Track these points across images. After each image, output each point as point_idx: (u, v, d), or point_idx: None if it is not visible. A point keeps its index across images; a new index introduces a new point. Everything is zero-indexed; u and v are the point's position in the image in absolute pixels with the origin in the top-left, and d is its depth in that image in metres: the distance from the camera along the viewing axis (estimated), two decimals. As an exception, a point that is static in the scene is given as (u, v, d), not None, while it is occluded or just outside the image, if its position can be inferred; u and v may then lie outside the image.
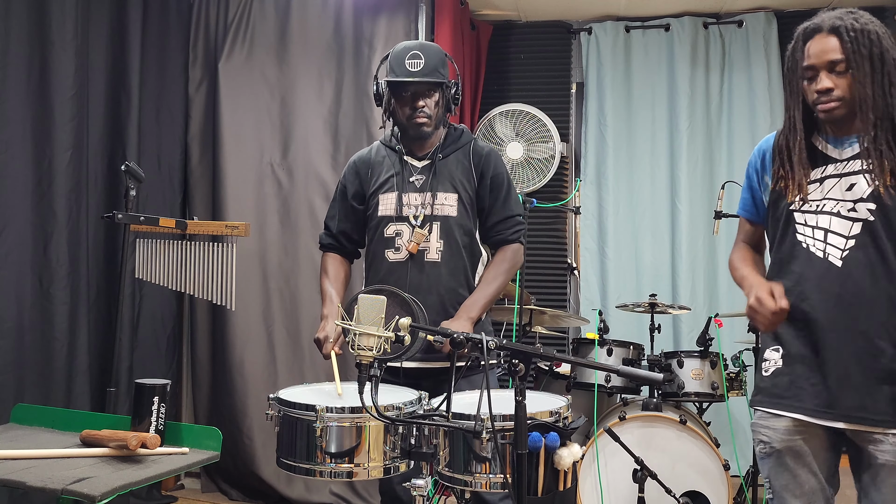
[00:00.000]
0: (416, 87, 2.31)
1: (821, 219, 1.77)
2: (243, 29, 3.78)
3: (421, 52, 2.32)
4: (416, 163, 2.40)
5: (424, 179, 2.38)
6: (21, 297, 2.90)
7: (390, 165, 2.41)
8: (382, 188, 2.40)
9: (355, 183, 2.46)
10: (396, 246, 2.36)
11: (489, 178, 2.39)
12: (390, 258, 2.36)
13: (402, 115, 2.35)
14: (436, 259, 2.33)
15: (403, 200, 2.36)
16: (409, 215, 2.34)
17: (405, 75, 2.30)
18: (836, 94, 1.71)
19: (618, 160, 4.39)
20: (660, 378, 1.63)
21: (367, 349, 1.53)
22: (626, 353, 3.39)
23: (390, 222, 2.37)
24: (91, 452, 1.71)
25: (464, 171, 2.39)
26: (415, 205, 2.35)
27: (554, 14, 4.47)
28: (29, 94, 2.95)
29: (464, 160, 2.40)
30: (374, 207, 2.41)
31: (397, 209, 2.35)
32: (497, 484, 1.71)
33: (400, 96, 2.33)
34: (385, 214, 2.38)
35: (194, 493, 3.78)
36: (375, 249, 2.42)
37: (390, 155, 2.44)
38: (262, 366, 3.68)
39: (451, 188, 2.36)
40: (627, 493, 2.93)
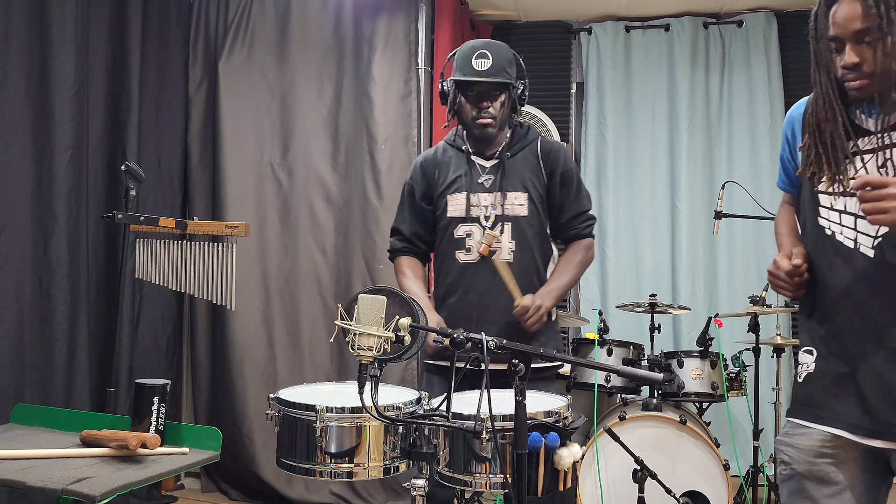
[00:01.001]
0: (481, 87, 2.28)
1: (850, 202, 1.51)
2: (243, 29, 3.78)
3: (488, 51, 2.27)
4: (484, 162, 2.37)
5: (493, 179, 2.34)
6: (21, 297, 2.90)
7: (457, 165, 2.38)
8: (451, 188, 2.36)
9: (423, 183, 2.42)
10: (467, 247, 2.32)
11: (559, 175, 2.37)
12: (461, 259, 2.33)
13: (467, 115, 2.31)
14: (508, 259, 2.30)
15: (472, 201, 2.33)
16: (480, 216, 2.31)
17: (471, 74, 2.26)
18: (865, 69, 1.44)
19: (618, 160, 4.39)
20: (660, 378, 1.63)
21: (367, 349, 1.53)
22: (626, 353, 3.39)
23: (460, 223, 2.34)
24: (91, 452, 1.71)
25: (532, 169, 2.36)
26: (484, 205, 2.33)
27: (554, 14, 4.47)
28: (29, 94, 2.95)
29: (532, 158, 2.37)
30: (442, 208, 2.37)
31: (466, 210, 2.33)
32: (497, 484, 1.71)
33: (466, 95, 2.30)
34: (454, 215, 2.34)
35: (194, 493, 3.78)
36: (445, 251, 2.37)
37: (457, 155, 2.40)
38: (262, 366, 3.68)
39: (521, 187, 2.34)
40: (627, 493, 2.93)
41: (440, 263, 2.40)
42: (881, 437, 1.46)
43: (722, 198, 3.49)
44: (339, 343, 3.63)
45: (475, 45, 2.30)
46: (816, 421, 1.55)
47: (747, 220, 3.94)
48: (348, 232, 3.70)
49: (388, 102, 3.67)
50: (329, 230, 3.72)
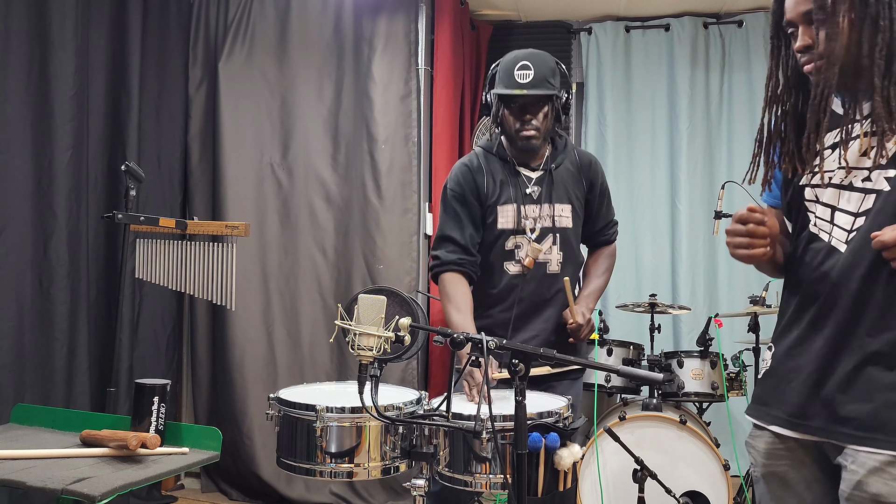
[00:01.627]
0: (524, 100, 2.26)
1: (827, 193, 1.44)
2: (243, 29, 3.78)
3: (530, 63, 2.24)
4: (530, 173, 2.36)
5: (540, 191, 2.34)
6: (21, 297, 2.90)
7: (503, 175, 2.35)
8: (500, 199, 2.33)
9: (474, 190, 2.34)
10: (517, 258, 2.32)
11: (598, 187, 2.43)
12: (510, 271, 2.33)
13: (511, 127, 2.29)
14: (556, 271, 2.33)
15: (523, 213, 2.32)
16: (527, 227, 2.31)
17: (514, 87, 2.24)
18: (816, 51, 1.40)
19: (618, 160, 4.38)
20: (660, 378, 1.63)
21: (367, 349, 1.53)
22: (626, 353, 3.39)
23: (511, 235, 2.32)
24: (91, 452, 1.71)
25: (574, 180, 2.38)
26: (532, 217, 2.32)
27: (554, 14, 4.47)
28: (29, 94, 2.95)
29: (572, 169, 2.39)
30: (492, 219, 2.33)
31: (517, 222, 2.31)
32: (497, 484, 1.71)
33: (509, 107, 2.28)
34: (505, 227, 2.32)
35: (194, 493, 3.78)
36: (493, 262, 2.34)
37: (501, 164, 2.36)
38: (262, 366, 3.69)
39: (566, 199, 2.35)
40: (627, 493, 2.93)
41: (486, 274, 2.36)
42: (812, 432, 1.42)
43: (722, 198, 3.49)
44: (339, 343, 3.63)
45: (518, 56, 2.27)
46: (764, 420, 1.51)
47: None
48: (348, 232, 3.70)
49: (388, 102, 3.67)
50: (329, 230, 3.72)
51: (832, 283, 1.41)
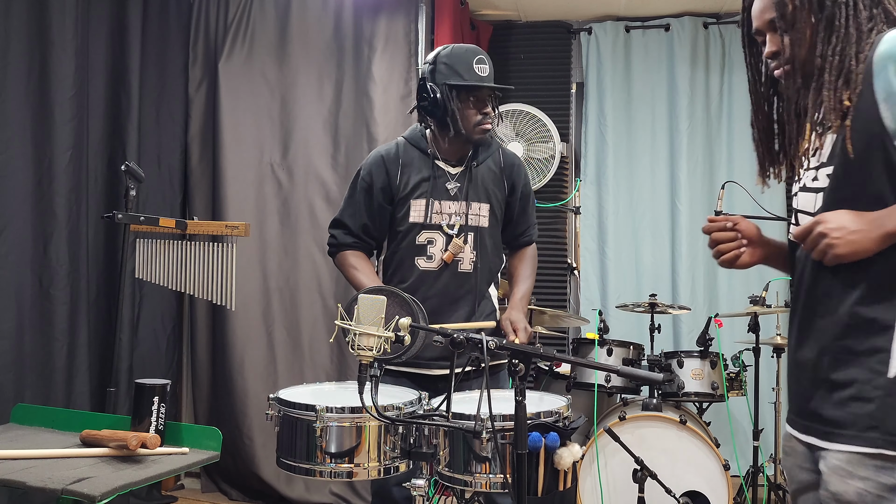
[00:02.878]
0: (485, 93, 2.26)
1: (800, 197, 1.50)
2: (243, 29, 3.78)
3: (484, 57, 2.27)
4: (451, 169, 2.34)
5: (460, 187, 2.32)
6: (21, 297, 2.90)
7: (421, 168, 2.33)
8: (414, 193, 2.31)
9: (384, 179, 2.33)
10: (429, 254, 2.31)
11: (520, 190, 2.41)
12: (421, 266, 2.31)
13: (468, 120, 2.26)
14: (468, 270, 2.32)
15: (436, 208, 2.30)
16: (443, 224, 2.30)
17: (477, 80, 2.23)
18: (784, 56, 1.42)
19: (618, 160, 4.39)
20: (660, 378, 1.63)
21: (367, 349, 1.53)
22: (626, 353, 3.39)
23: (422, 230, 2.31)
24: (91, 452, 1.71)
25: (495, 180, 2.37)
26: (448, 213, 2.31)
27: (554, 14, 4.47)
28: (29, 94, 2.95)
29: (494, 169, 2.37)
30: (404, 212, 2.32)
31: (430, 217, 2.30)
32: (497, 484, 1.71)
33: (466, 100, 2.25)
34: (417, 221, 2.31)
35: (194, 493, 3.79)
36: (403, 256, 2.33)
37: (421, 157, 2.34)
38: (262, 366, 3.68)
39: (485, 198, 2.34)
40: (627, 493, 2.93)
41: (395, 267, 2.36)
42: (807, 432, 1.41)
43: (722, 198, 3.45)
44: (339, 343, 3.62)
45: (471, 50, 2.28)
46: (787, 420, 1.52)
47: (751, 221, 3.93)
48: (348, 232, 3.70)
49: (388, 102, 3.67)
50: (329, 230, 3.71)
51: (798, 285, 1.49)
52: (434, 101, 2.26)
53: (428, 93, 2.27)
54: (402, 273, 2.34)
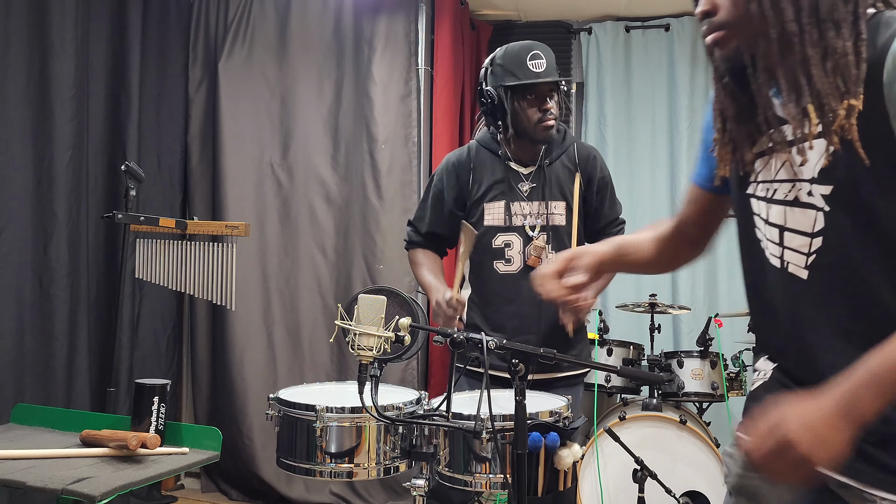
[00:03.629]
0: (542, 89, 2.21)
1: (773, 210, 1.13)
2: (243, 29, 3.78)
3: (540, 52, 2.21)
4: (522, 169, 2.31)
5: (534, 187, 2.28)
6: (21, 297, 2.90)
7: (493, 171, 2.30)
8: (488, 196, 2.28)
9: (455, 188, 2.32)
10: (507, 257, 2.28)
11: (596, 183, 2.36)
12: (500, 270, 2.29)
13: (529, 119, 2.22)
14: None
15: (513, 210, 2.27)
16: (523, 225, 2.27)
17: (531, 77, 2.18)
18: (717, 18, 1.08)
19: (618, 160, 4.38)
20: (660, 378, 1.63)
21: (367, 349, 1.53)
22: (626, 353, 3.39)
23: (499, 233, 2.28)
24: (91, 452, 1.71)
25: (570, 176, 2.32)
26: (523, 214, 2.27)
27: (554, 14, 4.47)
28: (29, 94, 2.95)
29: (569, 164, 2.33)
30: (478, 216, 2.29)
31: (507, 219, 2.27)
32: (497, 484, 1.71)
33: (524, 98, 2.21)
34: (493, 224, 2.28)
35: (194, 493, 3.78)
36: (482, 260, 2.30)
37: (493, 159, 2.31)
38: (262, 366, 3.69)
39: (560, 196, 2.30)
40: (627, 493, 2.93)
41: (476, 272, 2.33)
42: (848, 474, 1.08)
43: (722, 198, 3.49)
44: (339, 343, 3.62)
45: (527, 47, 2.23)
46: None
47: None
48: (348, 232, 3.70)
49: (388, 102, 3.67)
50: (329, 230, 3.72)
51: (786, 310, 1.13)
52: (492, 105, 2.24)
53: (485, 97, 2.25)
54: (484, 277, 2.31)
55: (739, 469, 1.23)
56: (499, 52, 2.26)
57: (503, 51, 2.25)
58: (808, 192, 1.07)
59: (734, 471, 1.25)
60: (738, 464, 1.24)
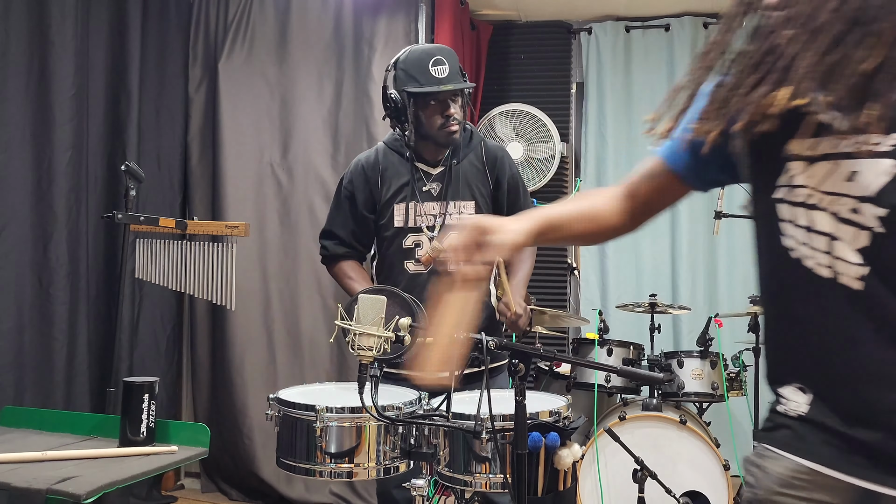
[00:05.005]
0: (445, 95, 2.22)
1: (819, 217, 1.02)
2: (243, 29, 3.78)
3: (443, 57, 2.22)
4: (430, 169, 2.33)
5: (441, 187, 2.30)
6: (21, 297, 2.90)
7: (401, 172, 2.32)
8: (396, 197, 2.31)
9: (365, 190, 2.34)
10: (417, 257, 2.29)
11: (506, 182, 2.36)
12: (410, 269, 2.31)
13: (431, 125, 2.24)
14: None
15: (418, 210, 2.29)
16: (425, 226, 2.29)
17: (433, 83, 2.19)
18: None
19: (618, 160, 4.38)
20: (660, 378, 1.63)
21: (367, 349, 1.53)
22: (626, 353, 3.39)
23: (408, 233, 2.30)
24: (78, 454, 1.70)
25: (478, 174, 2.33)
26: (430, 214, 2.29)
27: (554, 14, 4.47)
28: (29, 94, 2.95)
29: (477, 163, 2.34)
30: (388, 217, 2.32)
31: (412, 220, 2.29)
32: (497, 484, 1.71)
33: (427, 105, 2.22)
34: (401, 225, 2.30)
35: (194, 493, 3.78)
36: (393, 260, 2.33)
37: (400, 161, 2.33)
38: (262, 366, 3.68)
39: (469, 195, 2.31)
40: (627, 493, 2.93)
41: (386, 271, 2.36)
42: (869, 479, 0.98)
43: (722, 198, 3.49)
44: (339, 343, 3.62)
45: (427, 51, 2.24)
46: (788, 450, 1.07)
47: (747, 220, 3.93)
48: (348, 232, 3.70)
49: (388, 102, 3.66)
50: (329, 230, 3.71)
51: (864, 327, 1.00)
52: (396, 108, 2.25)
53: (388, 100, 2.26)
54: (394, 277, 2.33)
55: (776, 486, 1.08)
56: (402, 56, 2.26)
57: (406, 54, 2.26)
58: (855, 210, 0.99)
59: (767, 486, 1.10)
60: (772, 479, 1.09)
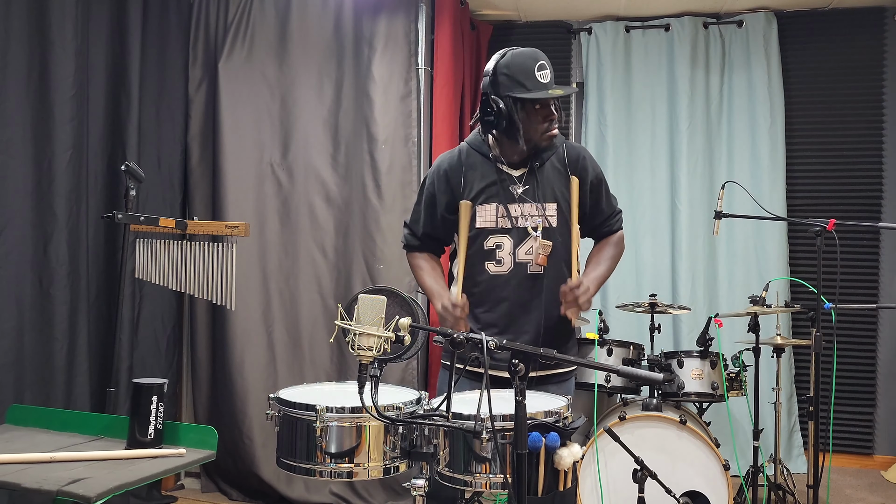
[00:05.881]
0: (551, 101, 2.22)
1: None
2: (243, 29, 3.78)
3: (545, 61, 2.21)
4: (513, 171, 2.31)
5: (526, 189, 2.30)
6: (21, 297, 2.90)
7: (485, 173, 2.31)
8: (479, 198, 2.30)
9: (447, 192, 2.33)
10: (498, 258, 2.29)
11: (589, 182, 2.35)
12: (491, 270, 2.30)
13: (535, 130, 2.23)
14: (538, 271, 2.28)
15: (503, 212, 2.28)
16: (513, 227, 2.27)
17: (540, 89, 2.18)
18: None
19: (618, 160, 4.39)
20: (660, 378, 1.63)
21: (367, 349, 1.53)
22: (626, 353, 3.39)
23: (490, 234, 2.29)
24: (86, 456, 1.70)
25: (560, 177, 2.32)
26: (516, 216, 2.28)
27: (554, 14, 4.47)
28: (29, 94, 2.95)
29: (559, 166, 2.33)
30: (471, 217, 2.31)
31: (499, 221, 2.28)
32: (497, 484, 1.71)
33: (533, 110, 2.21)
34: (484, 226, 2.29)
35: (194, 493, 3.79)
36: (474, 261, 2.32)
37: (483, 162, 2.32)
38: (262, 366, 3.68)
39: (552, 197, 2.30)
40: (627, 493, 2.93)
41: (468, 271, 2.34)
42: None
43: (722, 198, 3.49)
44: (339, 343, 3.62)
45: (532, 56, 2.21)
46: None
47: (747, 220, 3.94)
48: (348, 232, 3.70)
49: (388, 102, 3.66)
50: (329, 230, 3.72)
51: None
52: (499, 114, 2.21)
53: (492, 106, 2.22)
54: (475, 278, 2.32)
55: None
56: (503, 61, 2.23)
57: (508, 59, 2.23)
58: None
59: None
60: None
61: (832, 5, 4.20)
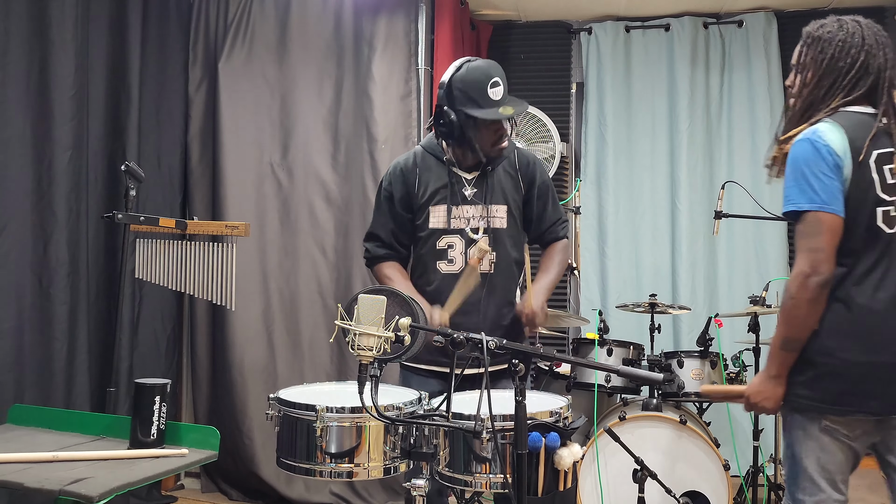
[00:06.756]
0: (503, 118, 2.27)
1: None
2: (243, 29, 3.78)
3: (498, 78, 2.25)
4: (466, 174, 2.38)
5: (477, 192, 2.36)
6: (21, 297, 2.90)
7: (439, 176, 2.38)
8: (433, 199, 2.37)
9: (401, 190, 2.40)
10: (449, 258, 2.35)
11: (536, 188, 2.42)
12: (443, 270, 2.36)
13: (485, 143, 2.29)
14: (488, 270, 2.34)
15: (455, 213, 2.35)
16: (464, 228, 2.34)
17: (492, 106, 2.23)
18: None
19: (618, 160, 4.38)
20: (660, 378, 1.63)
21: (367, 349, 1.53)
22: (626, 353, 3.39)
23: (442, 234, 2.35)
24: (87, 456, 1.70)
25: (511, 181, 2.40)
26: (466, 217, 2.35)
27: (554, 14, 4.47)
28: (29, 94, 2.94)
29: (510, 170, 2.41)
30: (424, 218, 2.38)
31: (449, 222, 2.35)
32: (497, 484, 1.71)
33: (482, 127, 2.26)
34: (437, 227, 2.36)
35: (194, 493, 3.78)
36: (426, 261, 2.39)
37: (437, 164, 2.39)
38: (262, 366, 3.68)
39: (502, 200, 2.37)
40: (627, 493, 2.93)
41: (420, 272, 2.42)
42: None
43: (722, 198, 3.49)
44: (339, 343, 3.62)
45: (486, 73, 2.25)
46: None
47: (747, 220, 3.94)
48: (348, 232, 3.70)
49: (388, 102, 3.66)
50: (329, 230, 3.72)
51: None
52: (451, 125, 2.27)
53: (444, 118, 2.27)
54: (427, 277, 2.38)
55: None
56: (458, 75, 2.27)
57: (463, 73, 2.26)
58: None
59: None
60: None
61: (832, 5, 4.20)
